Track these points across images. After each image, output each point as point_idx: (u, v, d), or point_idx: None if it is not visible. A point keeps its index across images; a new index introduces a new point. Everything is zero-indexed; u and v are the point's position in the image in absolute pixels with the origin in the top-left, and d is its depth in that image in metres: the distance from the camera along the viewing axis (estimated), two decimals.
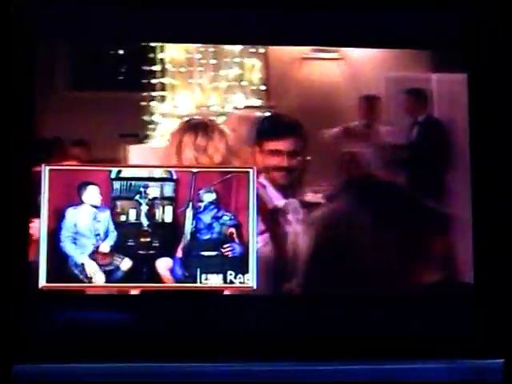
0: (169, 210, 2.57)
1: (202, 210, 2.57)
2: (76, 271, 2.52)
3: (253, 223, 2.57)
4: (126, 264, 2.54)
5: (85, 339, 2.35)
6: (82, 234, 2.53)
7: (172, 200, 2.57)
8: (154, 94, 3.66)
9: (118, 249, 2.55)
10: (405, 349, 2.34)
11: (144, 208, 2.56)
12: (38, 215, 2.49)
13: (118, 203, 2.56)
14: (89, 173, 2.57)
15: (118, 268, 2.53)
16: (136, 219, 2.55)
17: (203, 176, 2.58)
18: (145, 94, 3.61)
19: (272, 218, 2.69)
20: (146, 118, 3.36)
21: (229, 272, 2.55)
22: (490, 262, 2.34)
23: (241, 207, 2.58)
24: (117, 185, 2.56)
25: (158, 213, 2.57)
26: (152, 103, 3.65)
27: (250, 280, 2.55)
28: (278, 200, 2.77)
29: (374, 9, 2.32)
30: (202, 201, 2.57)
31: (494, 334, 2.27)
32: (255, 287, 2.54)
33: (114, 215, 2.56)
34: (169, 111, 3.78)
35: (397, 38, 2.41)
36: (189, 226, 2.56)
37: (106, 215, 2.54)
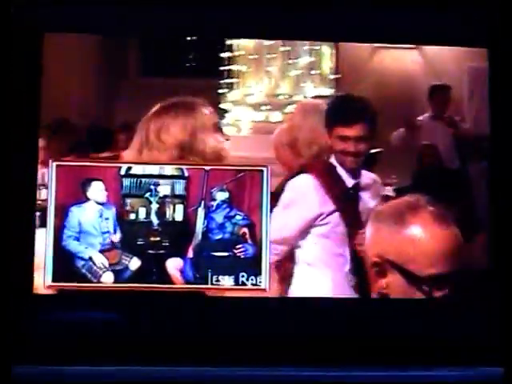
0: (180, 208, 2.50)
1: (214, 208, 2.50)
2: (83, 270, 2.46)
3: (266, 223, 2.50)
4: (134, 263, 2.48)
5: (89, 340, 2.31)
6: (88, 232, 2.46)
7: (183, 198, 2.50)
8: (223, 81, 3.56)
9: (127, 248, 2.48)
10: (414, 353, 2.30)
11: (154, 206, 2.49)
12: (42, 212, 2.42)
13: (128, 201, 2.49)
14: (97, 169, 2.51)
15: (126, 268, 2.47)
16: (146, 217, 2.48)
17: (216, 174, 2.51)
18: (215, 81, 3.52)
19: (343, 198, 2.64)
20: (215, 105, 3.25)
21: (241, 273, 2.49)
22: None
23: (254, 207, 2.51)
24: (126, 182, 2.50)
25: (169, 211, 2.50)
26: (222, 91, 3.54)
27: (262, 282, 2.48)
28: (348, 180, 2.72)
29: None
30: (214, 199, 2.50)
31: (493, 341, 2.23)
32: (268, 289, 2.47)
33: (123, 213, 2.49)
34: (239, 99, 3.68)
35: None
36: (200, 225, 2.49)
37: (112, 213, 2.48)
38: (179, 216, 2.50)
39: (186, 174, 2.51)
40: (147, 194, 2.49)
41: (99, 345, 2.29)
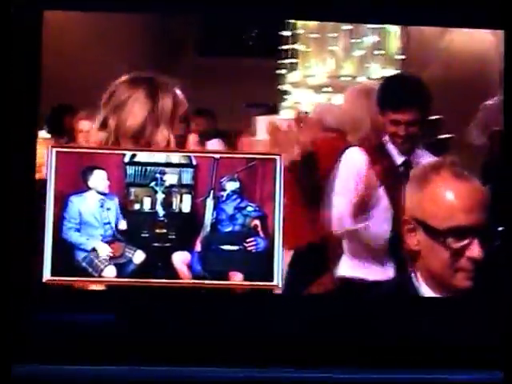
0: (187, 198, 2.40)
1: (223, 199, 2.40)
2: (84, 264, 2.37)
3: (279, 215, 2.39)
4: (138, 257, 2.38)
5: (89, 339, 2.27)
6: (89, 223, 2.37)
7: (191, 188, 2.41)
8: (283, 61, 3.40)
9: (131, 240, 2.39)
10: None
11: (160, 196, 2.39)
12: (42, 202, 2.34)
13: (132, 190, 2.40)
14: (100, 156, 2.41)
15: (129, 261, 2.37)
16: (151, 208, 2.39)
17: (226, 162, 2.41)
18: (274, 61, 3.36)
19: (390, 175, 2.62)
20: (275, 87, 3.09)
21: (252, 268, 2.39)
22: None
23: (266, 197, 2.41)
24: (130, 170, 2.40)
25: (176, 202, 2.40)
26: (282, 71, 3.39)
27: (274, 278, 2.38)
28: (398, 158, 2.72)
29: None
30: (224, 189, 2.40)
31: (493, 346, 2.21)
32: (280, 286, 2.37)
33: (127, 203, 2.40)
34: (299, 80, 3.51)
35: None
36: (209, 216, 2.39)
37: (114, 203, 2.38)
38: (186, 207, 2.41)
39: (194, 163, 2.42)
40: (152, 183, 2.39)
41: (100, 344, 2.25)
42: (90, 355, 2.22)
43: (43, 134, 2.56)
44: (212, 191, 2.40)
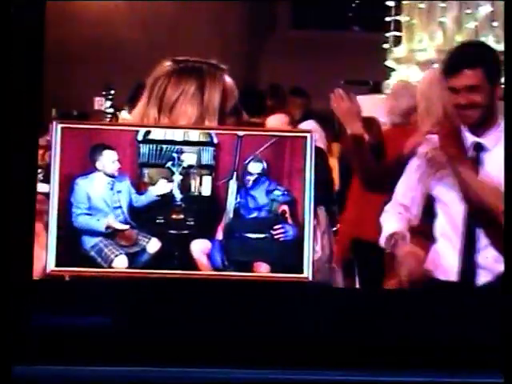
0: (207, 180, 2.27)
1: (248, 181, 2.25)
2: (92, 253, 2.23)
3: (310, 200, 2.23)
4: (153, 246, 2.23)
5: (93, 338, 2.15)
6: (98, 208, 2.23)
7: (211, 169, 2.27)
8: (388, 34, 3.20)
9: (145, 227, 2.24)
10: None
11: (177, 178, 2.25)
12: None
13: (146, 171, 2.26)
14: (110, 134, 2.25)
15: (143, 250, 2.22)
16: (167, 191, 2.25)
17: (251, 141, 2.25)
18: (376, 34, 3.16)
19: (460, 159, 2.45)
20: (377, 63, 2.91)
21: (279, 259, 2.23)
22: None
23: (296, 180, 2.25)
24: (144, 149, 2.25)
25: (194, 184, 2.27)
26: (385, 46, 3.17)
27: (305, 270, 2.21)
28: (466, 139, 2.58)
29: None
30: (248, 171, 2.25)
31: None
32: (310, 278, 2.20)
33: (140, 186, 2.25)
34: (405, 55, 3.29)
35: None
36: (232, 201, 2.25)
37: (125, 185, 2.24)
38: (207, 190, 2.27)
39: (216, 141, 2.25)
40: (169, 164, 2.25)
41: (104, 343, 2.14)
42: (94, 355, 2.13)
43: (124, 114, 2.36)
44: (235, 173, 2.25)
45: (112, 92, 2.38)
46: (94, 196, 2.22)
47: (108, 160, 2.21)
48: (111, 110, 2.56)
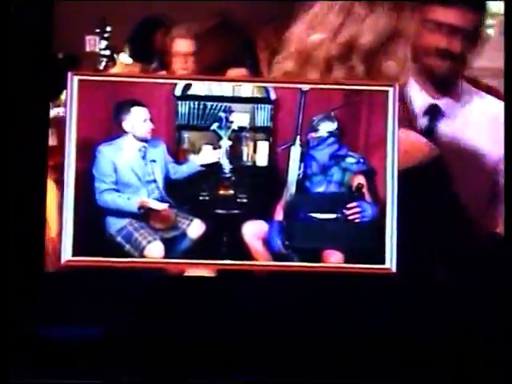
0: (263, 146, 2.04)
1: (315, 146, 2.00)
2: (119, 239, 1.97)
3: (393, 170, 1.97)
4: (195, 229, 1.99)
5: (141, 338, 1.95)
6: (127, 183, 1.98)
7: (269, 132, 2.03)
8: None
9: (185, 206, 2.00)
10: None
11: (225, 143, 2.01)
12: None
13: (186, 135, 2.02)
14: (139, 87, 1.98)
15: (183, 235, 1.98)
16: (213, 161, 2.02)
17: (318, 96, 1.99)
18: None
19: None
20: None
21: (355, 246, 1.98)
22: None
23: (374, 144, 2.00)
24: (184, 107, 2.02)
25: (247, 151, 2.04)
26: None
27: (387, 259, 1.97)
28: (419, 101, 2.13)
29: None
30: (315, 134, 1.99)
31: None
32: (394, 270, 1.97)
33: (179, 154, 2.02)
34: None
35: None
36: (294, 171, 2.00)
37: (160, 152, 2.00)
38: (263, 158, 2.04)
39: (273, 97, 2.02)
40: (215, 126, 2.01)
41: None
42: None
43: (123, 57, 2.16)
44: (298, 136, 1.99)
45: (108, 29, 2.01)
46: (121, 167, 1.98)
47: (138, 119, 1.97)
48: (107, 52, 2.15)
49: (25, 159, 1.97)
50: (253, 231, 1.98)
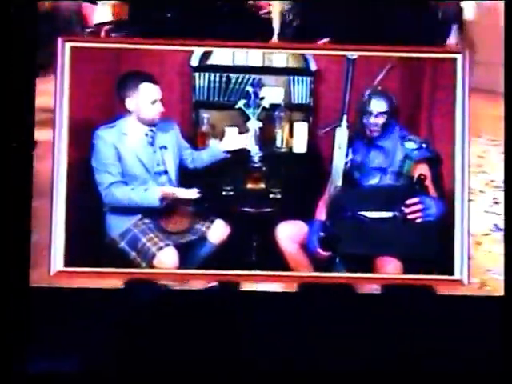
0: (302, 129, 1.78)
1: (366, 128, 1.73)
2: (122, 244, 1.70)
3: (462, 159, 1.69)
4: (217, 232, 1.73)
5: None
6: (133, 176, 1.70)
7: (308, 111, 1.78)
8: None
9: (203, 202, 1.74)
10: None
11: (254, 125, 1.74)
12: None
13: (205, 115, 1.77)
14: (145, 55, 1.70)
15: (202, 239, 1.73)
16: (240, 146, 1.77)
17: (369, 66, 1.72)
18: None
19: None
20: None
21: (416, 252, 1.72)
22: None
23: (441, 127, 1.73)
24: (202, 80, 1.76)
25: (281, 135, 1.79)
26: None
27: (456, 269, 1.70)
28: None
29: None
30: (366, 112, 1.72)
31: None
32: (465, 282, 1.70)
33: (199, 137, 1.75)
34: None
35: None
36: (340, 159, 1.73)
37: (173, 137, 1.74)
38: (301, 144, 1.78)
39: (314, 67, 1.76)
40: (241, 104, 1.75)
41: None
42: None
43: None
44: (345, 116, 1.72)
45: None
46: (126, 155, 1.69)
47: (146, 99, 1.68)
48: None
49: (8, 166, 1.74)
50: (289, 234, 1.75)
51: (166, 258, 1.69)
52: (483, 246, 1.90)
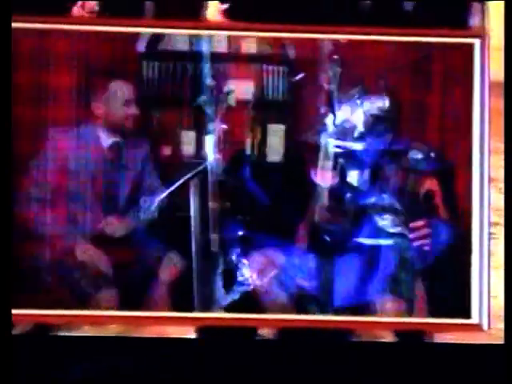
0: (277, 132, 1.53)
1: (358, 136, 1.49)
2: (74, 277, 1.46)
3: (481, 170, 1.42)
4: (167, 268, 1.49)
5: None
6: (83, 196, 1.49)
7: (285, 110, 1.53)
8: None
9: (159, 227, 1.47)
10: None
11: (216, 127, 1.49)
12: None
13: (153, 115, 1.53)
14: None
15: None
16: (195, 155, 1.51)
17: (361, 54, 1.48)
18: None
19: None
20: None
21: (423, 289, 1.51)
22: None
23: (453, 131, 1.49)
24: (150, 69, 1.51)
25: (251, 139, 1.53)
26: None
27: (473, 312, 1.44)
28: None
29: None
30: (361, 113, 1.49)
31: None
32: (485, 327, 1.44)
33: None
34: None
35: None
36: (327, 174, 1.50)
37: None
38: (276, 151, 1.53)
39: (292, 55, 1.52)
40: (201, 100, 1.48)
41: None
42: None
43: None
44: (331, 118, 1.49)
45: None
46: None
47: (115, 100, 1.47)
48: None
49: None
50: (257, 265, 1.48)
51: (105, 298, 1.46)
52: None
